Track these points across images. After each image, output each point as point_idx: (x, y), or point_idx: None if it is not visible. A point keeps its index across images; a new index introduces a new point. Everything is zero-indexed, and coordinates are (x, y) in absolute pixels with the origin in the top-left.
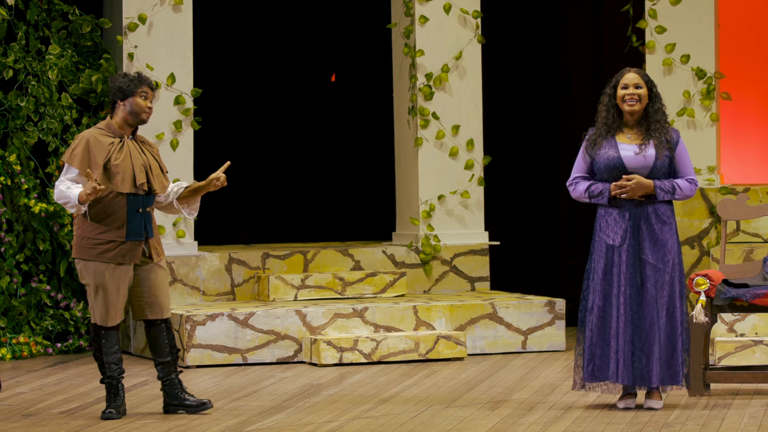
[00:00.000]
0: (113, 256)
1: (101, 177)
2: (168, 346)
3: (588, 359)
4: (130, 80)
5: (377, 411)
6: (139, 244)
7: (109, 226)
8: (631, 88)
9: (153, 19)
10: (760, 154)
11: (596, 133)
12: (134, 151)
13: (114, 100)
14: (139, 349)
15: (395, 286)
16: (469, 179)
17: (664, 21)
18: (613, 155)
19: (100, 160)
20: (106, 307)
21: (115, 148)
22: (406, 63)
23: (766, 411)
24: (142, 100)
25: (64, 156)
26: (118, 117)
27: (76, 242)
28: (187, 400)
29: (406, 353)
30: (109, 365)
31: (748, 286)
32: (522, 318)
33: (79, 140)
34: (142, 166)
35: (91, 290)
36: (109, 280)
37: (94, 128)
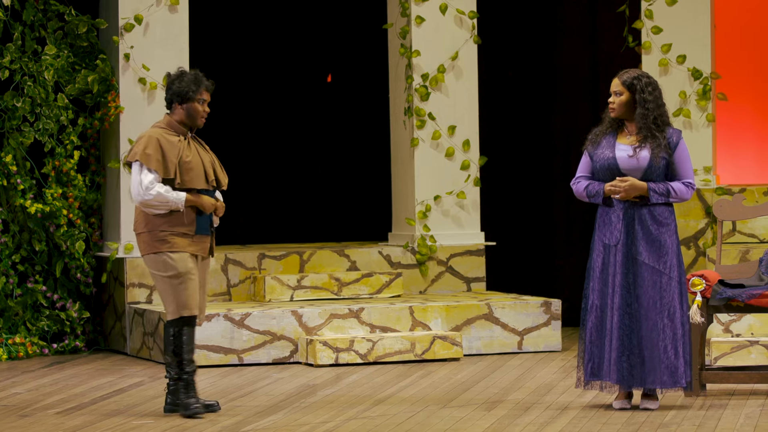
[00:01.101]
0: (187, 245)
1: (174, 173)
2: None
3: (588, 358)
4: (189, 84)
5: (373, 411)
6: (206, 239)
7: (179, 221)
8: (612, 95)
9: (149, 20)
10: (756, 155)
11: (598, 131)
12: (199, 148)
13: (172, 102)
14: (135, 349)
15: (391, 286)
16: (465, 180)
17: (660, 21)
18: (609, 156)
19: (174, 159)
20: (191, 293)
21: (183, 146)
22: (402, 63)
23: (762, 411)
24: (200, 105)
25: (132, 155)
26: (177, 117)
27: (148, 238)
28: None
29: (402, 354)
30: (188, 362)
31: (744, 287)
32: (518, 318)
33: (146, 140)
34: (210, 162)
35: (174, 282)
36: (192, 267)
37: (157, 128)
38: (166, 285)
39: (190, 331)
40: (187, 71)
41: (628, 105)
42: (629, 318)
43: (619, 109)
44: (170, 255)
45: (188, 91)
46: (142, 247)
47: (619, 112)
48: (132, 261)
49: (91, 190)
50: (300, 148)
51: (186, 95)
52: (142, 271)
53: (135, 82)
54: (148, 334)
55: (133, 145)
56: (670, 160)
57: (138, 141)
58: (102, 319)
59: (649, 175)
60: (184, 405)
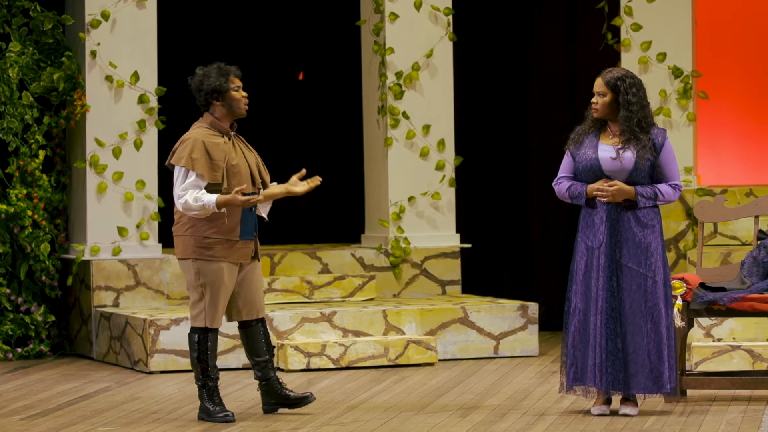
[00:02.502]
0: (227, 254)
1: (221, 178)
2: (265, 345)
3: (570, 363)
4: (218, 77)
5: (346, 418)
6: (250, 243)
7: (224, 225)
8: (595, 95)
9: (116, 16)
10: (738, 155)
11: (581, 130)
12: (244, 149)
13: (208, 101)
14: (101, 354)
15: (364, 289)
16: (440, 180)
17: (640, 18)
18: (591, 156)
19: (221, 163)
20: (219, 306)
21: (229, 149)
22: (376, 61)
23: (743, 418)
24: (236, 92)
25: (176, 159)
26: (218, 113)
27: (190, 242)
28: (289, 395)
29: (375, 358)
30: (212, 369)
31: (725, 290)
32: (494, 322)
33: (192, 143)
34: (255, 163)
35: (206, 291)
36: (227, 280)
37: (200, 128)
38: (197, 293)
39: (214, 338)
40: (207, 67)
41: (611, 106)
42: (613, 322)
43: (602, 110)
44: (206, 264)
45: (221, 84)
46: (179, 250)
47: (602, 113)
48: (98, 263)
49: (56, 191)
50: (270, 148)
51: (220, 89)
52: (108, 273)
53: (102, 80)
54: (115, 339)
55: (177, 147)
56: (655, 161)
57: (182, 143)
58: (67, 323)
59: (635, 177)
60: (208, 412)
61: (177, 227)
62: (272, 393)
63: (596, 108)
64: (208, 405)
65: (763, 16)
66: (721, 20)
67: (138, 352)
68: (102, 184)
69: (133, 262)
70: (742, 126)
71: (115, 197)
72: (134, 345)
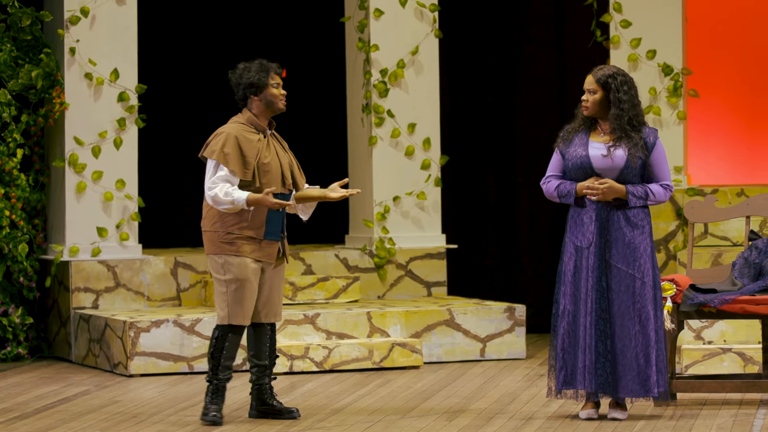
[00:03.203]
0: (251, 251)
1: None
2: (269, 350)
3: (560, 366)
4: (258, 73)
5: (329, 422)
6: (275, 244)
7: (249, 222)
8: (585, 93)
9: (96, 12)
10: (729, 154)
11: (570, 128)
12: (278, 149)
13: (246, 95)
14: (80, 357)
15: (348, 291)
16: (425, 180)
17: (630, 15)
18: (582, 154)
19: (252, 160)
20: (244, 303)
21: (262, 146)
22: (360, 58)
23: (734, 422)
24: (275, 89)
25: (209, 152)
26: (256, 109)
27: (216, 237)
28: (275, 406)
29: (359, 361)
30: (224, 369)
31: (716, 292)
32: (480, 324)
33: (225, 137)
34: (288, 164)
35: (230, 287)
36: (252, 276)
37: (235, 123)
38: (222, 288)
39: (234, 339)
40: (249, 63)
41: (602, 104)
42: (602, 323)
43: (593, 107)
44: (231, 259)
45: (260, 79)
46: (206, 245)
47: (592, 111)
48: (77, 264)
49: (34, 190)
50: None
51: (259, 84)
52: (87, 275)
53: (81, 77)
54: (94, 341)
55: (210, 140)
56: (646, 161)
57: (215, 137)
58: (46, 326)
59: (625, 175)
60: (203, 410)
61: (204, 222)
62: (260, 399)
63: (587, 105)
64: (206, 401)
65: (754, 12)
66: (712, 17)
67: (118, 355)
68: (81, 184)
69: (112, 263)
70: (734, 125)
71: (95, 197)
72: (114, 347)
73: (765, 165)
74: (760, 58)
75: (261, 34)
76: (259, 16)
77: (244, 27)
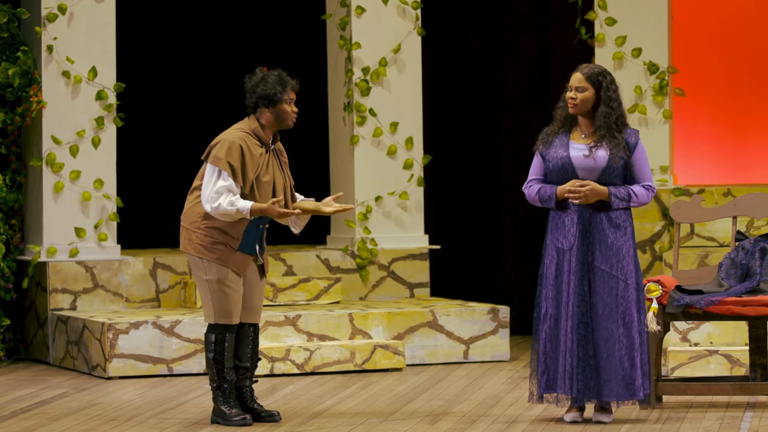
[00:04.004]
0: (227, 259)
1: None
2: (251, 352)
3: (542, 370)
4: (275, 85)
5: (311, 425)
6: (248, 258)
7: (226, 231)
8: (573, 91)
9: (73, 10)
10: (715, 154)
11: (550, 130)
12: (276, 168)
13: (258, 105)
14: (58, 359)
15: (330, 292)
16: (408, 179)
17: (615, 12)
18: (563, 155)
19: (251, 174)
20: (229, 302)
21: (263, 162)
22: (342, 56)
23: (721, 425)
24: (288, 105)
25: (213, 159)
26: (264, 120)
27: (194, 237)
28: (256, 409)
29: (341, 363)
30: (228, 370)
31: (702, 293)
32: (464, 326)
33: (230, 145)
34: (283, 186)
35: (213, 286)
36: (233, 275)
37: (242, 132)
38: (206, 288)
39: (232, 338)
40: (267, 72)
41: (590, 101)
42: (584, 327)
43: (582, 105)
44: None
45: (275, 92)
46: (183, 242)
47: (580, 109)
48: (55, 265)
49: (11, 190)
50: None
51: (273, 98)
52: (65, 276)
53: (58, 75)
54: (72, 343)
55: (214, 144)
56: (628, 161)
57: (221, 143)
58: (23, 327)
59: (607, 176)
60: (224, 415)
61: (184, 217)
62: (241, 402)
63: (575, 103)
64: (224, 408)
65: (741, 11)
66: (699, 15)
67: (96, 357)
68: (59, 183)
69: (91, 263)
70: (720, 124)
71: (73, 197)
72: (92, 349)
73: (752, 165)
74: (747, 57)
75: (242, 32)
76: (240, 13)
77: (224, 24)
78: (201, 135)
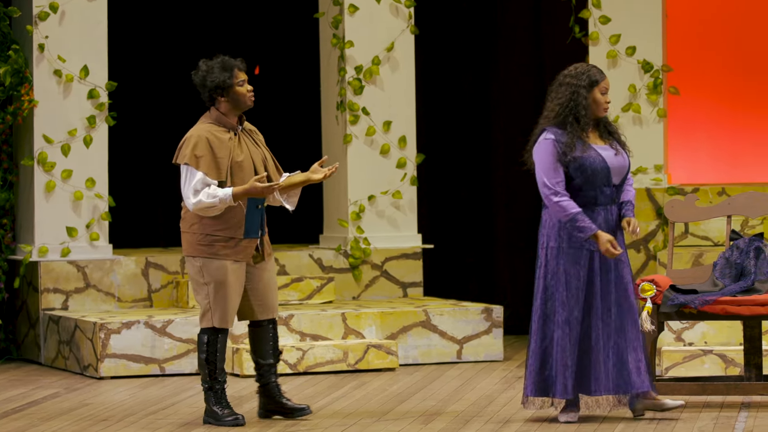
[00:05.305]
0: (231, 253)
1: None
2: (272, 348)
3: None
4: (221, 73)
5: (303, 425)
6: (254, 242)
7: (227, 222)
8: (607, 95)
9: (65, 8)
10: (710, 153)
11: (566, 140)
12: (250, 145)
13: (213, 97)
14: (49, 359)
15: (322, 292)
16: (401, 178)
17: (609, 11)
18: (596, 155)
19: (225, 159)
20: (227, 306)
21: (234, 145)
22: (335, 55)
23: (715, 425)
24: (241, 87)
25: (181, 158)
26: (223, 109)
27: (193, 239)
28: (285, 404)
29: (334, 363)
30: (221, 370)
31: (697, 293)
32: (457, 326)
33: (196, 140)
34: (262, 160)
35: (210, 289)
36: (231, 278)
37: (205, 124)
38: (202, 291)
39: (224, 339)
40: (210, 61)
41: None
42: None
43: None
44: (208, 262)
45: (224, 80)
46: (184, 246)
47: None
48: (47, 265)
49: (2, 189)
50: None
51: (224, 85)
52: (57, 275)
53: (50, 74)
54: (64, 343)
55: (181, 145)
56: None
57: (186, 141)
58: (14, 327)
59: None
60: (216, 416)
61: (182, 224)
62: (269, 398)
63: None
64: (216, 408)
65: (736, 8)
66: (693, 13)
67: (88, 357)
68: (50, 183)
69: (82, 263)
70: (715, 123)
71: (64, 196)
72: (84, 349)
73: (746, 164)
74: (742, 56)
75: (234, 30)
76: (233, 12)
77: (217, 23)
78: None
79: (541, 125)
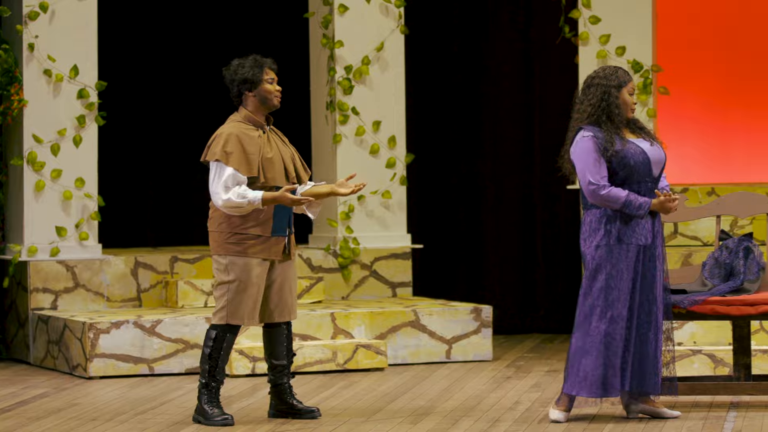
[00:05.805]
0: (259, 251)
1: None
2: (286, 349)
3: (621, 371)
4: (252, 68)
5: (292, 425)
6: (282, 240)
7: (255, 220)
8: (634, 95)
9: (55, 8)
10: (700, 152)
11: (605, 137)
12: (279, 143)
13: (240, 92)
14: (38, 359)
15: (311, 291)
16: (390, 178)
17: (599, 11)
18: (635, 148)
19: (255, 156)
20: (243, 304)
21: (263, 142)
22: (324, 55)
23: (704, 425)
24: (269, 85)
25: (211, 155)
26: (251, 106)
27: (221, 238)
28: (296, 406)
29: (323, 363)
30: (221, 369)
31: (686, 292)
32: (446, 326)
33: (226, 137)
34: (290, 157)
35: (232, 287)
36: (255, 277)
37: (233, 122)
38: (223, 288)
39: (231, 339)
40: (243, 59)
41: None
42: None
43: None
44: (236, 259)
45: (254, 74)
46: (212, 246)
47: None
48: (36, 264)
49: None
50: None
51: (253, 79)
52: (46, 275)
53: (40, 73)
54: (53, 343)
55: (210, 142)
56: None
57: (216, 138)
58: (3, 327)
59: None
60: (206, 414)
61: (210, 223)
62: (281, 399)
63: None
64: (207, 407)
65: (725, 8)
66: (683, 13)
67: (77, 357)
68: (40, 182)
69: (72, 263)
70: (704, 123)
71: (54, 196)
72: (73, 349)
73: (736, 164)
74: (732, 56)
75: (224, 30)
76: (222, 12)
77: (206, 23)
78: (183, 134)
79: (575, 126)
